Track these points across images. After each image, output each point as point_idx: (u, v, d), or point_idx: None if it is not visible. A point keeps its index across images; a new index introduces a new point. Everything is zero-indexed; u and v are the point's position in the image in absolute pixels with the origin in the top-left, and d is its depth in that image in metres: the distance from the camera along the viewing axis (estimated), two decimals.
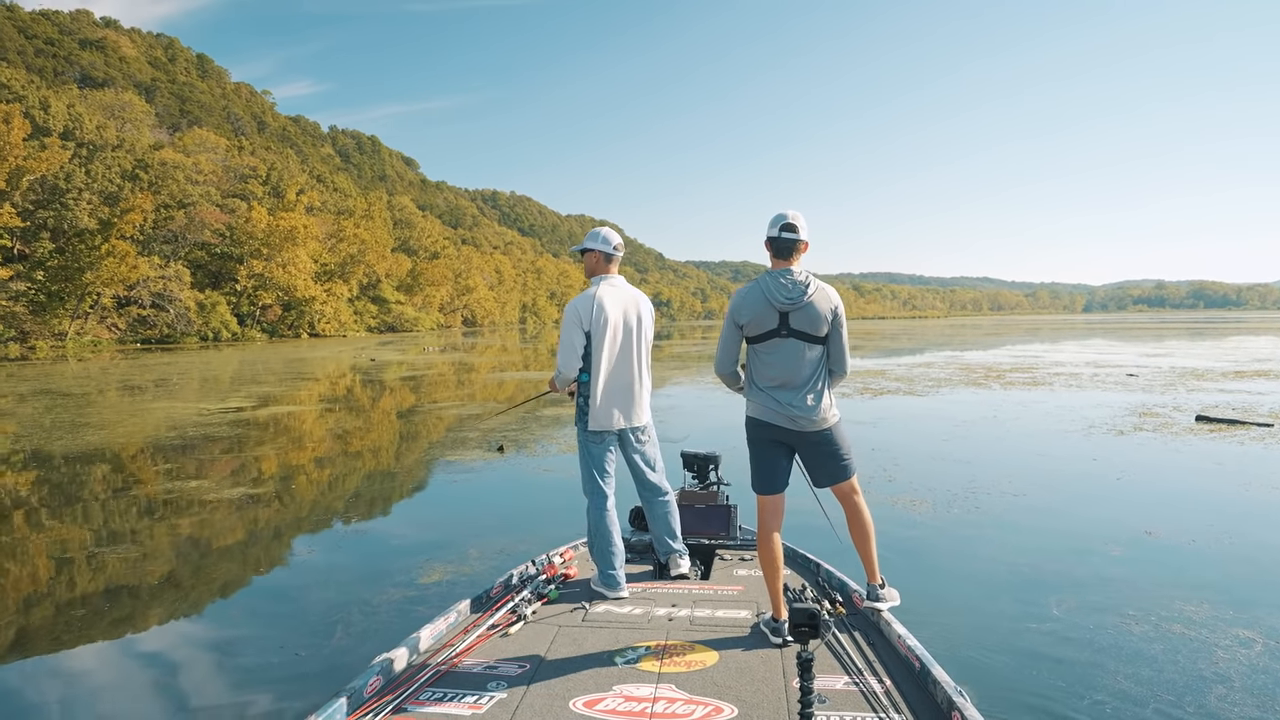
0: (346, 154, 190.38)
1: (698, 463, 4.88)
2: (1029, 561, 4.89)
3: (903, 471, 7.80)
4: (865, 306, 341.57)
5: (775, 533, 3.19)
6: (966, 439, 9.79)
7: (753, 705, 2.53)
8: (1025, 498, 6.60)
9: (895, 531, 5.61)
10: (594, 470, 3.77)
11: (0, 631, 4.18)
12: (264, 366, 28.45)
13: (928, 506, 6.34)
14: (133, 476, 8.34)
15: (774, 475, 3.20)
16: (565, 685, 2.69)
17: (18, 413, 14.50)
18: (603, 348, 3.70)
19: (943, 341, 43.89)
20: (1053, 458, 8.50)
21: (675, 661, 2.86)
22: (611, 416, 3.74)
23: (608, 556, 3.68)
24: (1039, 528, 5.72)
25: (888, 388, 16.63)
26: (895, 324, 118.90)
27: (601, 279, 3.84)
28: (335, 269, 72.24)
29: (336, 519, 6.52)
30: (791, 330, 3.11)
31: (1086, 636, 3.76)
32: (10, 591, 4.80)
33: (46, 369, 28.45)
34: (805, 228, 3.18)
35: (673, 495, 4.02)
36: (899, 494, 6.81)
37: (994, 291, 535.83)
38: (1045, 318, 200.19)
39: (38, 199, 49.08)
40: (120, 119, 67.34)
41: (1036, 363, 24.22)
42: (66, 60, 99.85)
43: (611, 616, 3.37)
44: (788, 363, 3.12)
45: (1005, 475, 7.52)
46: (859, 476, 3.34)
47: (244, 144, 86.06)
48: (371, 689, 2.64)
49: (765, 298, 3.12)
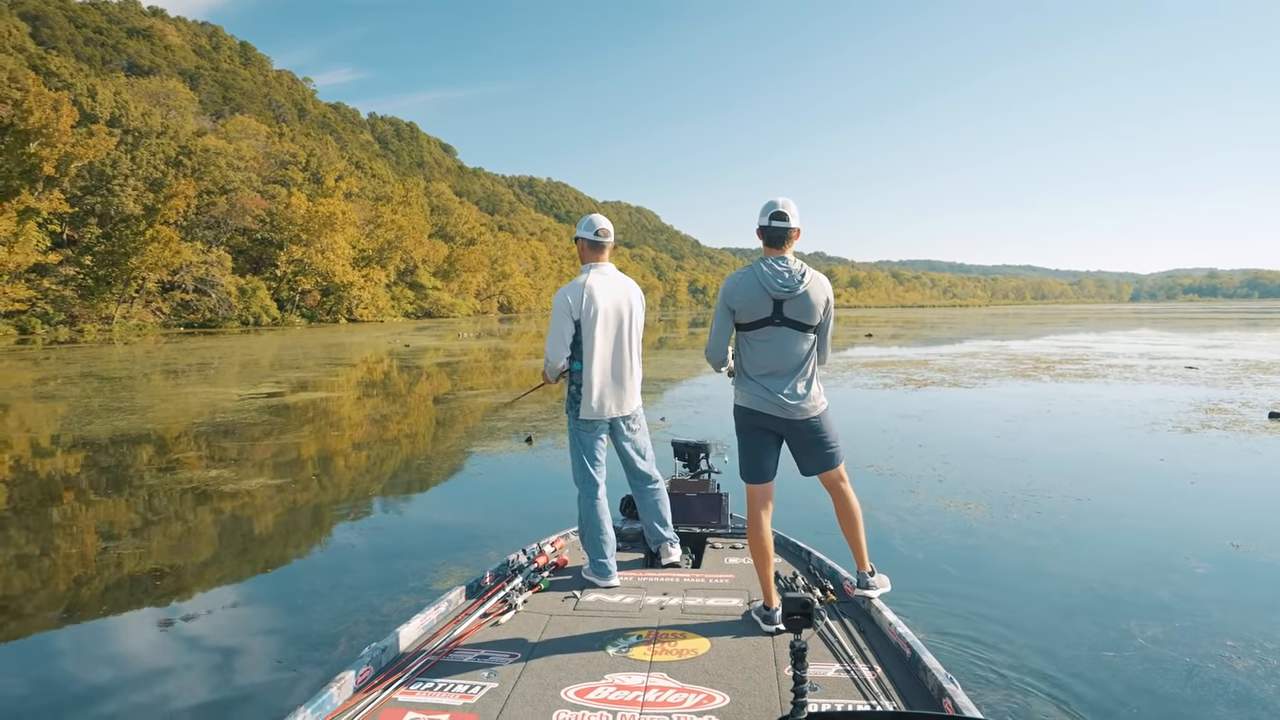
0: (385, 140, 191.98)
1: (689, 451, 4.88)
2: (1104, 578, 4.43)
3: (953, 471, 7.32)
4: (904, 295, 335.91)
5: (765, 521, 3.20)
6: (1019, 435, 9.25)
7: (744, 693, 2.51)
8: (1090, 502, 6.10)
9: (950, 540, 5.17)
10: (585, 459, 3.76)
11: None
12: (302, 351, 28.64)
13: (984, 511, 5.88)
14: (161, 463, 8.21)
15: (763, 464, 3.21)
16: (557, 674, 2.68)
17: (67, 394, 14.65)
18: (593, 336, 3.67)
19: (985, 331, 42.69)
20: (1115, 457, 7.94)
21: (667, 650, 2.86)
22: (602, 405, 3.72)
23: (599, 545, 3.67)
24: (1110, 538, 5.24)
25: (931, 379, 16.02)
26: (935, 313, 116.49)
27: (591, 267, 3.79)
28: (373, 255, 72.80)
29: (356, 513, 6.28)
30: (785, 319, 3.11)
31: (1183, 671, 3.32)
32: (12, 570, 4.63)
33: (94, 352, 28.99)
34: (796, 215, 3.16)
35: (663, 483, 4.01)
36: (951, 496, 6.35)
37: (1037, 280, 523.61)
38: (1091, 307, 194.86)
39: (86, 185, 50.07)
40: (165, 106, 68.30)
41: (1087, 354, 23.29)
42: (114, 49, 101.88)
43: (603, 605, 3.36)
44: (779, 351, 3.13)
45: (1065, 476, 7.01)
46: (847, 464, 3.32)
47: (285, 130, 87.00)
48: (362, 678, 2.63)
49: (760, 285, 3.10)
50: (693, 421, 10.49)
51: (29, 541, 5.50)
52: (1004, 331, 41.29)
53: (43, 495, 6.95)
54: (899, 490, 6.56)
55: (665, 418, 10.88)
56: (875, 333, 40.28)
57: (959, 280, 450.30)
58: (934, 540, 5.14)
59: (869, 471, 7.34)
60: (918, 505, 6.05)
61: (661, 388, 15.30)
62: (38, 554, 5.23)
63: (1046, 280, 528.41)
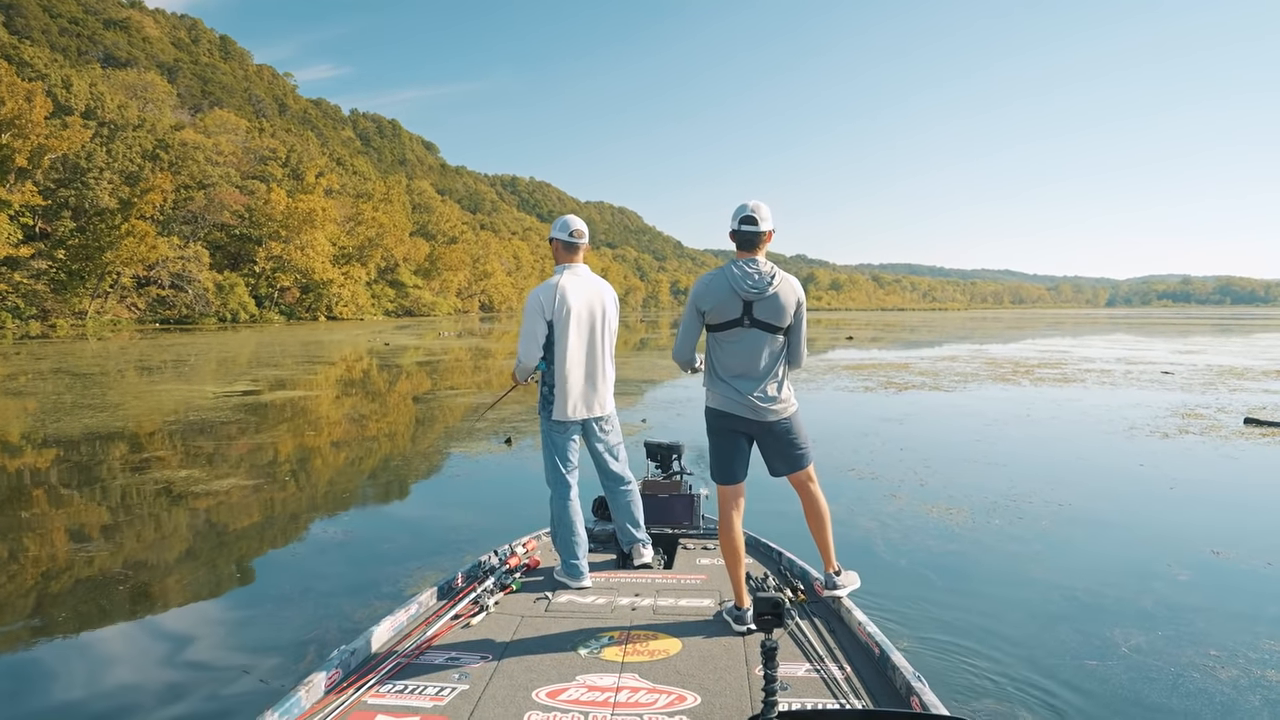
0: (367, 137, 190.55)
1: (661, 452, 4.87)
2: (1086, 585, 4.40)
3: (935, 475, 7.30)
4: (885, 298, 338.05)
5: (736, 522, 3.21)
6: (1000, 439, 9.27)
7: (715, 693, 2.52)
8: (1071, 508, 6.09)
9: (933, 545, 5.13)
10: (557, 460, 3.75)
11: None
12: (280, 349, 28.27)
13: (966, 516, 5.85)
14: (131, 462, 8.01)
15: (734, 465, 3.22)
16: (528, 675, 2.66)
17: (37, 390, 14.32)
18: (566, 337, 3.66)
19: (964, 334, 43.03)
20: (1095, 462, 7.97)
21: (638, 650, 2.85)
22: (575, 406, 3.71)
23: (570, 546, 3.67)
24: (1092, 544, 5.22)
25: (912, 382, 16.07)
26: (915, 316, 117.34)
27: (565, 268, 3.77)
28: (353, 252, 72.16)
29: (330, 516, 6.14)
30: (754, 320, 3.12)
31: (1168, 680, 3.28)
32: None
33: (66, 347, 28.44)
34: (768, 218, 3.17)
35: (635, 485, 4.00)
36: (933, 501, 6.32)
37: (1015, 284, 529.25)
38: (1068, 311, 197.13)
39: (59, 178, 49.20)
40: (142, 99, 67.32)
41: (1065, 358, 23.51)
42: (90, 40, 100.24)
43: (574, 606, 3.35)
44: (749, 353, 3.14)
45: (1046, 481, 7.01)
46: (829, 466, 3.54)
47: (265, 126, 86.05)
48: (331, 680, 2.60)
49: (730, 286, 3.12)
50: (674, 424, 10.42)
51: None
52: (983, 335, 41.64)
53: (5, 494, 6.74)
54: (881, 495, 6.53)
55: (646, 419, 10.81)
56: (856, 335, 40.48)
57: (939, 284, 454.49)
58: (917, 546, 5.10)
59: (850, 476, 7.30)
60: (900, 510, 6.02)
61: (643, 389, 15.22)
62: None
63: (1024, 285, 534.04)
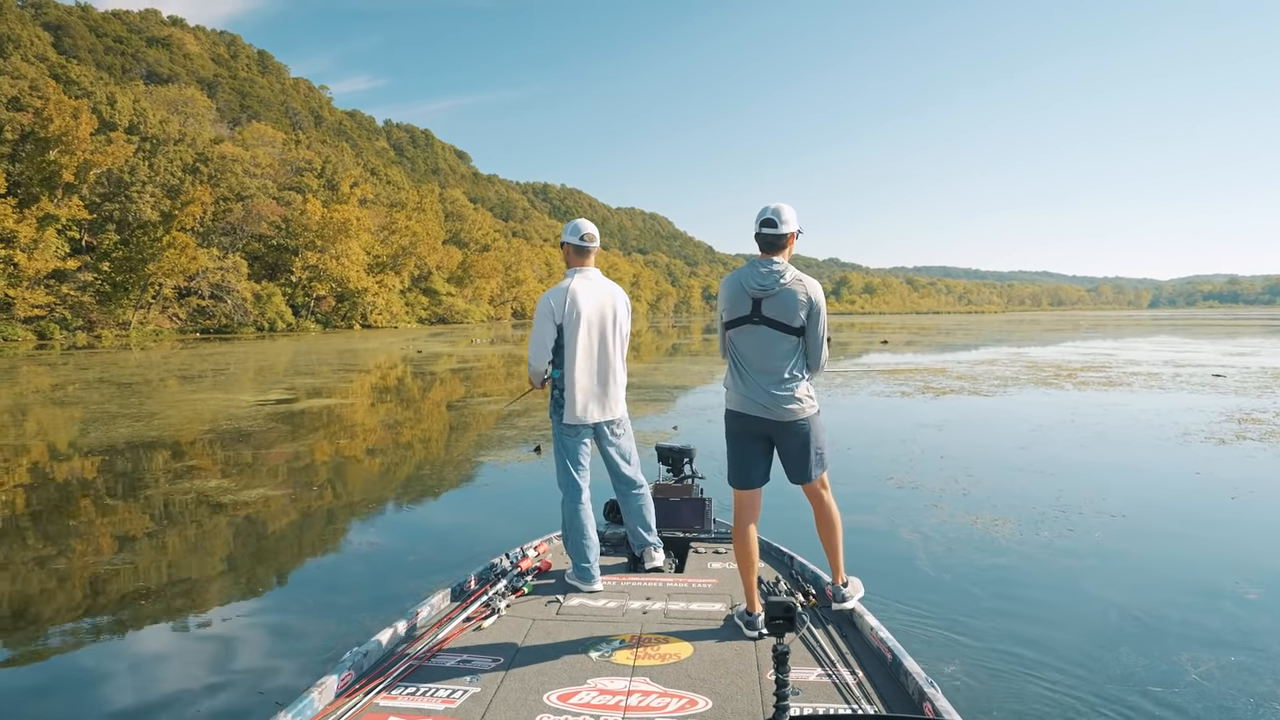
0: (401, 147, 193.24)
1: (672, 456, 4.88)
2: (1146, 604, 4.12)
3: (978, 485, 7.02)
4: (919, 301, 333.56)
5: (751, 527, 3.21)
6: (1045, 446, 8.92)
7: (726, 698, 2.50)
8: (1125, 519, 5.79)
9: (978, 559, 4.88)
10: (569, 463, 3.75)
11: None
12: (317, 357, 28.64)
13: (1012, 528, 5.58)
14: (171, 471, 8.04)
15: (750, 470, 3.21)
16: (539, 678, 2.66)
17: (84, 399, 14.60)
18: (576, 341, 3.66)
19: (1002, 337, 42.17)
20: (1148, 470, 7.62)
21: (650, 654, 2.85)
22: (586, 410, 3.71)
23: (582, 550, 3.66)
24: (1150, 559, 4.93)
25: (950, 387, 15.68)
26: (950, 319, 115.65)
27: (576, 271, 3.78)
28: (387, 261, 73.06)
29: (356, 528, 6.07)
30: (763, 317, 3.11)
31: (1246, 712, 3.01)
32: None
33: (111, 357, 29.09)
34: (791, 221, 3.16)
35: (647, 488, 4.00)
36: (977, 511, 6.05)
37: (1054, 286, 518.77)
38: (1109, 313, 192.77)
39: (104, 192, 50.57)
40: (183, 114, 69.00)
41: (1109, 361, 22.83)
42: (134, 57, 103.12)
43: (586, 610, 3.35)
44: (760, 350, 3.14)
45: (1097, 490, 6.69)
46: (867, 475, 3.65)
47: (301, 138, 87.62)
48: (344, 683, 2.60)
49: (740, 284, 3.15)
50: (705, 430, 10.23)
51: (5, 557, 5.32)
52: (1021, 338, 40.74)
53: (37, 505, 6.79)
54: (922, 505, 6.28)
55: (678, 426, 10.64)
56: (890, 339, 39.88)
57: (974, 286, 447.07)
58: (961, 560, 4.86)
59: (889, 484, 7.06)
60: (942, 522, 5.77)
61: (674, 395, 15.05)
62: (20, 567, 5.05)
63: (1063, 286, 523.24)
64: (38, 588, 4.72)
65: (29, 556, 5.27)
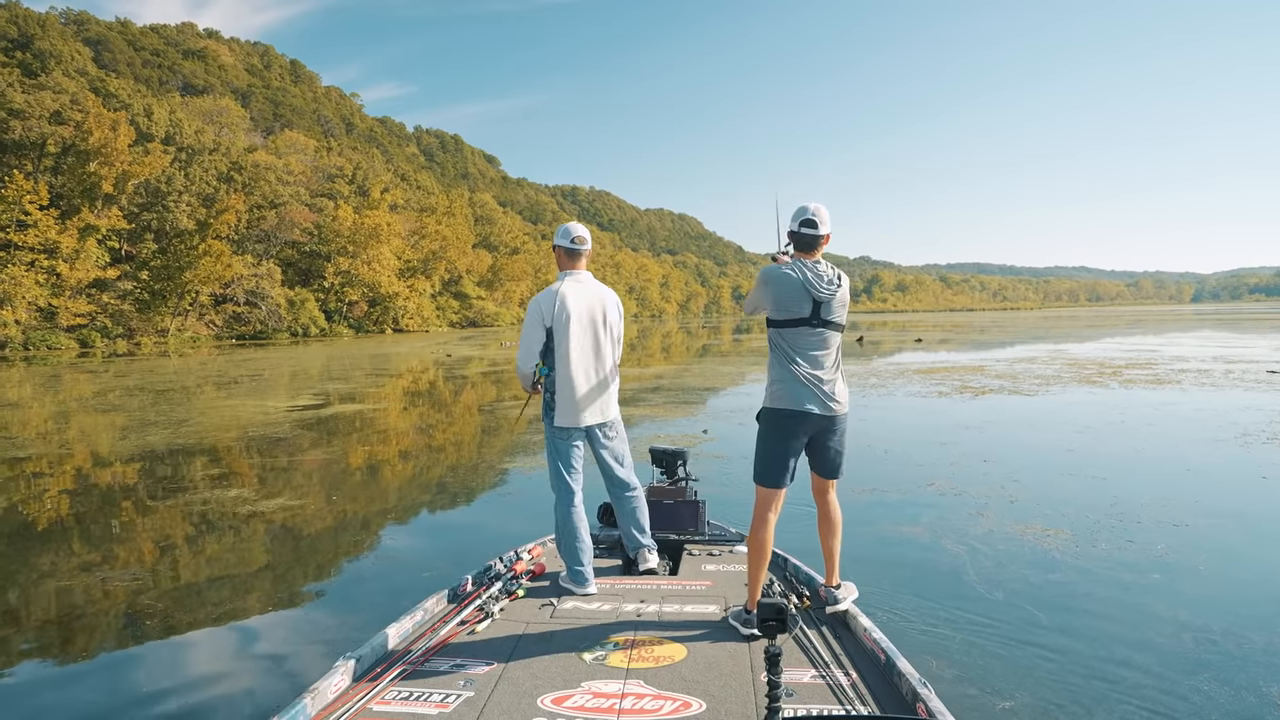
0: (431, 153, 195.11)
1: (666, 459, 4.89)
2: (1223, 625, 3.78)
3: (1025, 491, 6.67)
4: (953, 298, 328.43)
5: (771, 523, 3.21)
6: (1095, 449, 8.51)
7: (721, 700, 2.51)
8: (1190, 529, 5.42)
9: (1032, 575, 4.56)
10: (561, 466, 3.75)
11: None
12: (350, 362, 28.84)
13: (1066, 539, 5.24)
14: (208, 477, 8.00)
15: (786, 469, 3.21)
16: (533, 682, 2.66)
17: (125, 406, 14.77)
18: (567, 344, 3.66)
19: (1039, 334, 41.16)
20: (1209, 475, 7.19)
21: (644, 657, 2.85)
22: (578, 413, 3.71)
23: (575, 553, 3.66)
24: (1221, 574, 4.57)
25: (989, 386, 15.21)
26: (985, 316, 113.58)
27: (567, 274, 3.79)
28: (418, 265, 73.66)
29: (372, 542, 5.91)
30: (822, 320, 3.19)
31: None
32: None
33: (150, 364, 29.57)
34: (827, 222, 3.23)
35: (641, 491, 3.99)
36: (1027, 521, 5.72)
37: (1091, 281, 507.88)
38: (1150, 308, 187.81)
39: (142, 202, 51.61)
40: (218, 124, 70.15)
41: (1154, 357, 22.07)
42: (170, 70, 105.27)
43: (580, 613, 3.35)
44: (820, 350, 3.20)
45: (1154, 498, 6.31)
46: (907, 481, 3.38)
47: (332, 145, 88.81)
48: (337, 688, 2.59)
49: (804, 286, 3.16)
50: (737, 434, 9.96)
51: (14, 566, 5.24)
52: (1059, 335, 39.73)
53: (80, 509, 6.74)
54: (966, 513, 5.96)
55: (708, 430, 10.38)
56: (924, 337, 39.15)
57: (1010, 283, 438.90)
58: (1013, 576, 4.54)
59: (930, 490, 6.74)
60: (989, 532, 5.45)
61: (704, 398, 14.78)
62: (63, 570, 4.96)
63: (1101, 282, 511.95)
64: (79, 588, 4.68)
65: (72, 560, 5.26)
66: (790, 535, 4.28)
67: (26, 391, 19.06)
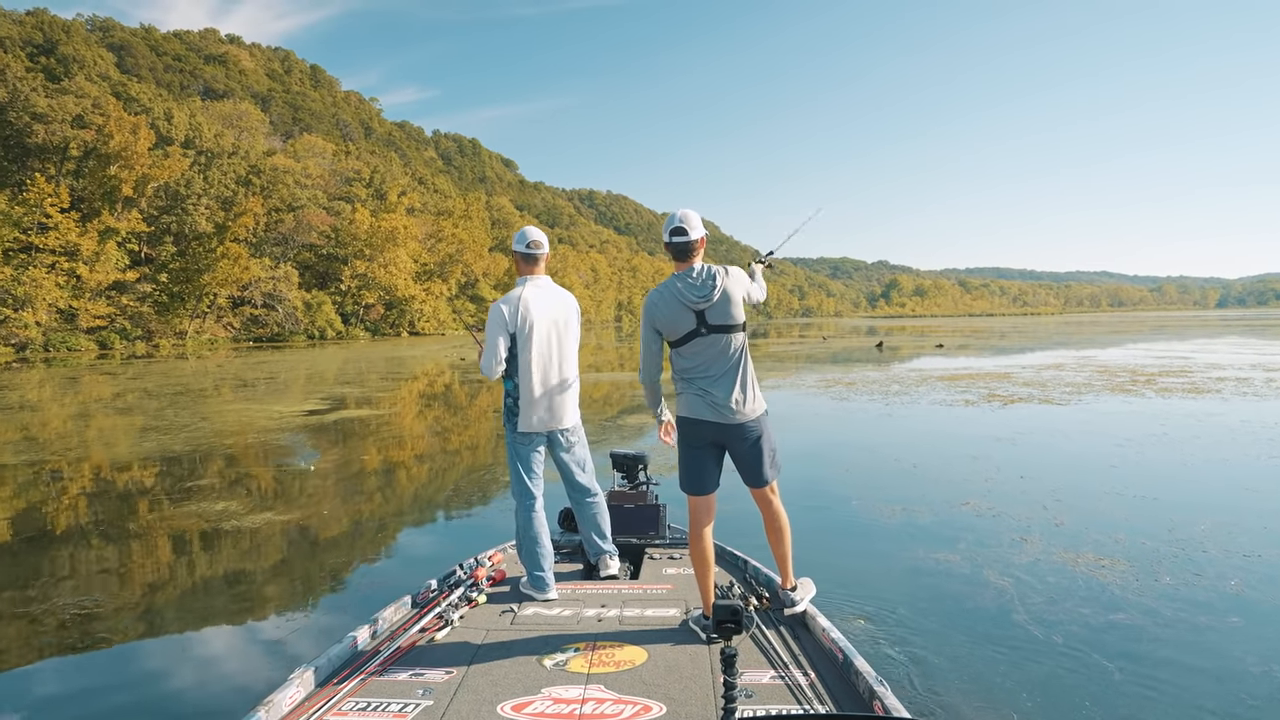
0: (448, 157, 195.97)
1: (627, 463, 4.89)
2: None
3: (1069, 512, 6.17)
4: (972, 303, 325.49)
5: (706, 532, 3.22)
6: (1140, 464, 7.98)
7: (681, 703, 2.52)
8: (1262, 560, 4.89)
9: (1090, 615, 4.06)
10: (522, 471, 3.74)
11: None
12: (366, 364, 28.70)
13: (1124, 572, 4.74)
14: (228, 476, 7.66)
15: (703, 476, 3.22)
16: (493, 690, 2.64)
17: (142, 407, 14.58)
18: (529, 349, 3.66)
19: (1062, 339, 40.30)
20: (1272, 495, 6.64)
21: (604, 661, 2.85)
22: (539, 418, 3.71)
23: (536, 558, 3.65)
24: None
25: (1018, 394, 14.63)
26: (1005, 321, 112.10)
27: (526, 279, 3.79)
28: (434, 268, 73.73)
29: (368, 556, 5.54)
30: (711, 327, 3.14)
31: None
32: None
33: (169, 366, 29.56)
34: (698, 226, 3.22)
35: (602, 496, 4.00)
36: (1076, 548, 5.22)
37: (1114, 286, 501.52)
38: (1173, 314, 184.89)
39: (162, 205, 51.89)
40: (237, 128, 70.54)
41: (1188, 364, 21.34)
42: (192, 74, 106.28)
43: (540, 619, 3.34)
44: (712, 357, 3.15)
45: (1216, 522, 5.78)
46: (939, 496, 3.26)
47: (351, 149, 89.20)
48: (291, 701, 2.55)
49: (678, 300, 3.15)
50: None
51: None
52: (1082, 340, 38.86)
53: (98, 510, 6.41)
54: (1008, 539, 5.47)
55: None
56: (945, 343, 38.44)
57: (1030, 288, 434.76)
58: (1070, 616, 4.05)
59: (966, 511, 6.25)
60: (1036, 562, 4.96)
61: None
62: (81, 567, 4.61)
63: (1124, 287, 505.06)
64: (99, 587, 4.55)
65: (91, 557, 5.09)
66: (754, 538, 4.07)
67: (46, 393, 18.94)
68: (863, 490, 7.09)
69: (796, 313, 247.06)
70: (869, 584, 4.61)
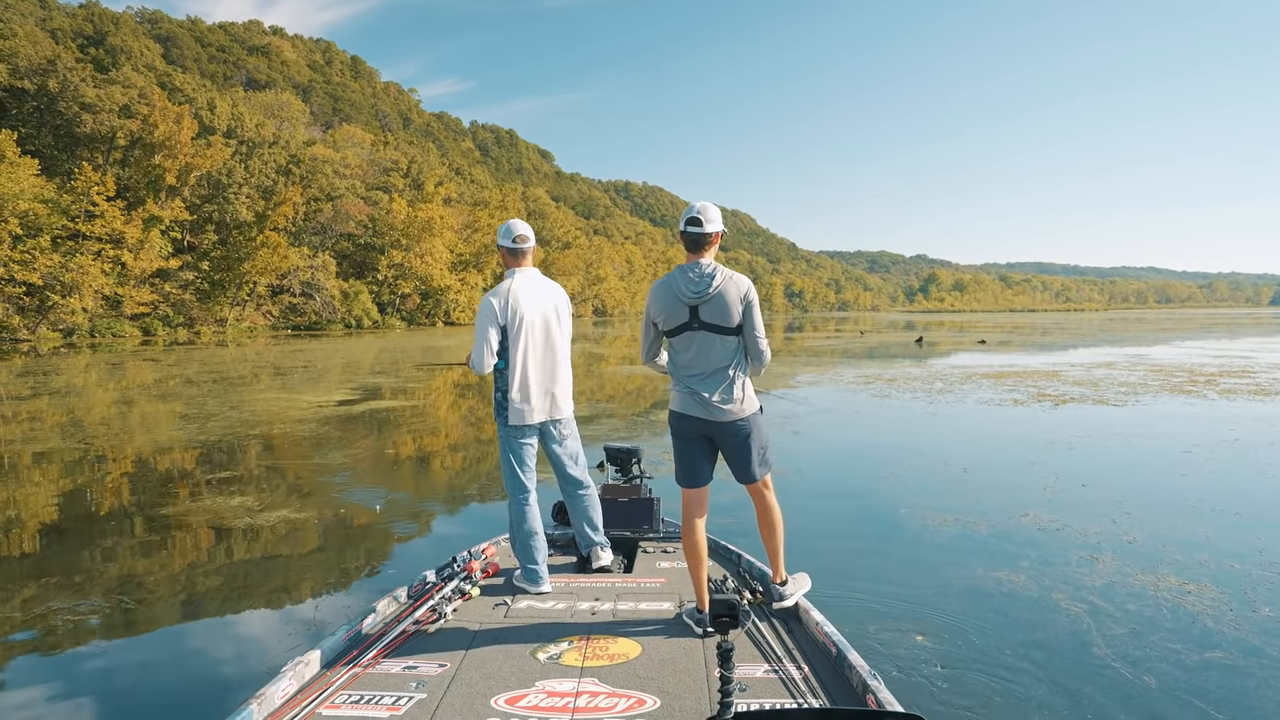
0: (486, 148, 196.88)
1: (620, 457, 4.89)
2: None
3: (1140, 527, 5.68)
4: (1013, 299, 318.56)
5: (699, 525, 3.23)
6: (1213, 474, 7.42)
7: (675, 696, 2.51)
8: None
9: (1183, 651, 3.61)
10: (514, 464, 3.72)
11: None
12: (401, 353, 28.79)
13: (1214, 598, 4.27)
14: (255, 464, 7.51)
15: (695, 469, 3.25)
16: (487, 683, 2.62)
17: (184, 394, 14.68)
18: (519, 342, 3.64)
19: (1107, 336, 38.98)
20: None
21: (598, 655, 2.83)
22: (531, 410, 3.68)
23: (530, 551, 3.64)
24: None
25: (1069, 394, 13.99)
26: (1047, 317, 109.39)
27: (514, 272, 3.75)
28: (470, 259, 73.97)
29: (380, 555, 5.28)
30: (702, 323, 3.14)
31: None
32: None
33: (209, 353, 29.96)
34: (715, 220, 3.20)
35: (594, 488, 4.00)
36: (1155, 569, 4.75)
37: (1161, 282, 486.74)
38: (1224, 311, 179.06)
39: (204, 194, 52.69)
40: (278, 118, 71.37)
41: (1249, 364, 20.36)
42: (235, 65, 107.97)
43: (534, 612, 3.32)
44: (701, 354, 3.16)
45: None
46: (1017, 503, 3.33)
47: (389, 139, 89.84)
48: (285, 693, 2.53)
49: (674, 293, 3.17)
50: (790, 443, 9.10)
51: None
52: (1129, 337, 37.54)
53: (140, 494, 6.28)
54: (1076, 557, 5.02)
55: None
56: (987, 338, 37.44)
57: (1073, 283, 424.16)
58: (1158, 652, 3.61)
59: (1027, 524, 5.80)
60: (1110, 584, 4.51)
61: None
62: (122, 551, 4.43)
63: (1171, 283, 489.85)
64: (140, 568, 4.48)
65: (130, 541, 4.98)
66: (749, 532, 4.16)
67: (91, 378, 19.19)
68: (911, 497, 6.66)
69: (832, 306, 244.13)
70: (926, 602, 4.22)
